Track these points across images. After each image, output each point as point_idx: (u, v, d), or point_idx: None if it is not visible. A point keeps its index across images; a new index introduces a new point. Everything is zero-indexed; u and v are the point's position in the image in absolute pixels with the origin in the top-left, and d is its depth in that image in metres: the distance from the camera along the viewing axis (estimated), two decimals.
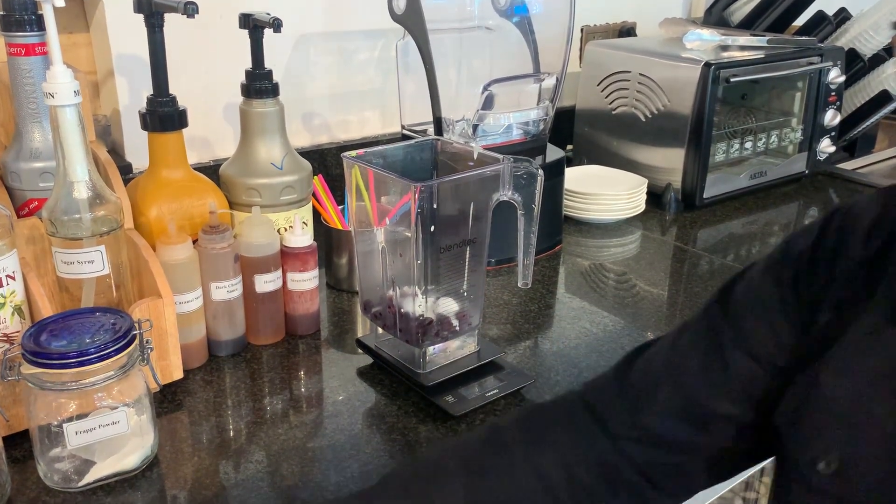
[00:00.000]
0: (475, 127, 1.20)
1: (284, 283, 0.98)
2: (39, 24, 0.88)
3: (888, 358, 0.52)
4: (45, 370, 0.69)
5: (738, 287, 0.62)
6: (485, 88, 1.17)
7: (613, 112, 1.56)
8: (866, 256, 0.54)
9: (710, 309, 0.63)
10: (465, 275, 0.88)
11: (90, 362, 0.69)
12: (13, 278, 0.77)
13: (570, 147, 1.68)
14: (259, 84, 0.98)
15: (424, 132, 1.25)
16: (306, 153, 1.29)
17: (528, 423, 0.66)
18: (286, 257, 0.97)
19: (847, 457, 0.52)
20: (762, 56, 1.48)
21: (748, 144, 1.62)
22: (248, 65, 0.99)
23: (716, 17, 1.80)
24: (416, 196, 0.78)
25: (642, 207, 1.44)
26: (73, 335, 0.71)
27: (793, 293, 0.58)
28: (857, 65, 1.70)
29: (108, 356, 0.70)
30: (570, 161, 1.63)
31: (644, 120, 1.50)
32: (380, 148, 0.90)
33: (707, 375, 0.61)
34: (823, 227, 0.57)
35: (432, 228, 0.80)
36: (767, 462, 1.00)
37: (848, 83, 1.69)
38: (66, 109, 0.76)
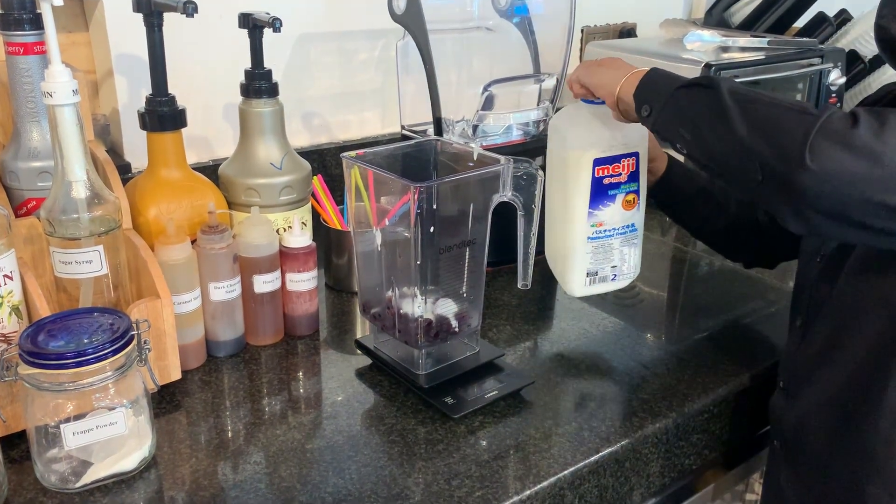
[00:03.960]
0: (475, 127, 1.19)
1: (283, 283, 0.97)
2: (38, 22, 0.88)
3: None
4: (43, 370, 0.69)
5: None
6: (485, 89, 1.17)
7: None
8: None
9: None
10: (465, 276, 0.87)
11: (88, 363, 0.69)
12: (11, 278, 0.77)
13: None
14: (258, 84, 0.98)
15: (424, 132, 1.25)
16: (306, 153, 1.29)
17: None
18: (285, 258, 0.97)
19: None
20: (763, 57, 1.48)
21: None
22: (248, 64, 0.99)
23: (716, 19, 1.80)
24: (416, 196, 0.77)
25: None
26: (70, 335, 0.71)
27: None
28: (857, 66, 1.69)
29: (105, 357, 0.70)
30: None
31: None
32: (379, 148, 0.90)
33: None
34: None
35: (432, 229, 0.80)
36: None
37: (849, 85, 1.68)
38: (64, 109, 0.76)
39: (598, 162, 0.93)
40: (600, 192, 0.95)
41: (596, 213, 0.95)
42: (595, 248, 0.97)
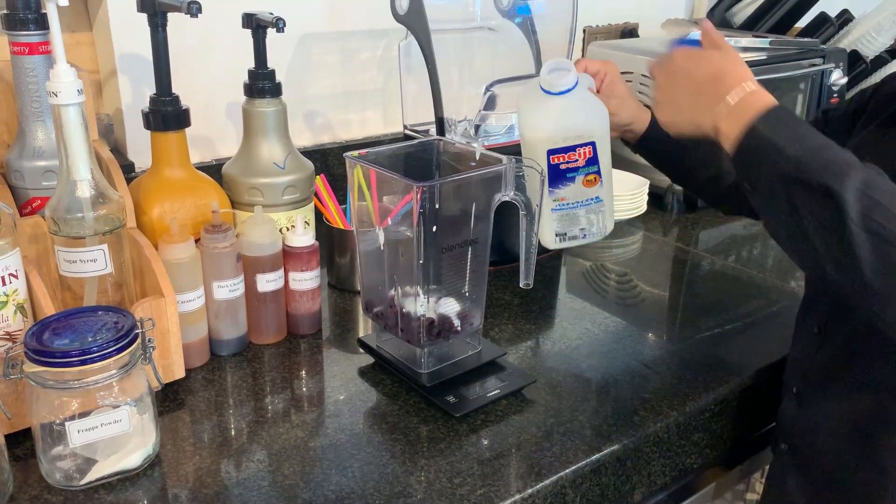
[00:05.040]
0: (477, 127, 1.20)
1: (286, 282, 0.98)
2: (43, 22, 0.88)
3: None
4: (48, 368, 0.69)
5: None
6: (487, 89, 1.17)
7: None
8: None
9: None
10: (467, 275, 0.88)
11: (92, 361, 0.70)
12: (16, 277, 0.77)
13: None
14: (262, 83, 0.99)
15: (427, 132, 1.25)
16: (308, 153, 1.29)
17: None
18: (288, 257, 0.97)
19: None
20: (764, 57, 1.48)
21: None
22: (251, 64, 0.99)
23: (718, 19, 1.80)
24: (418, 196, 0.78)
25: (644, 208, 1.44)
26: (75, 334, 0.72)
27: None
28: (859, 66, 1.70)
29: (110, 355, 0.70)
30: None
31: None
32: (382, 148, 0.90)
33: None
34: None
35: (434, 228, 0.80)
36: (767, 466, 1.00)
37: (850, 85, 1.69)
38: (69, 108, 0.76)
39: (552, 152, 0.94)
40: (558, 176, 0.95)
41: (556, 191, 0.96)
42: (560, 217, 0.98)
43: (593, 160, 0.95)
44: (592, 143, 0.95)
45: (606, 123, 0.96)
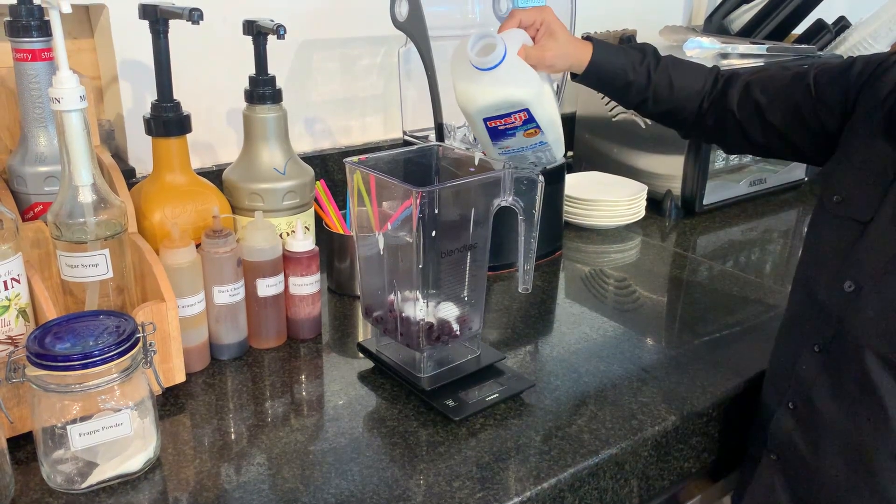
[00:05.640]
0: None
1: (286, 287, 0.98)
2: (45, 29, 0.89)
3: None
4: (50, 372, 0.70)
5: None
6: None
7: (614, 119, 1.57)
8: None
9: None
10: (466, 279, 0.88)
11: (94, 365, 0.70)
12: (18, 281, 0.78)
13: (570, 153, 1.68)
14: (262, 90, 0.99)
15: (426, 138, 1.26)
16: (309, 158, 1.30)
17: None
18: (288, 262, 0.97)
19: (848, 191, 0.83)
20: (762, 64, 1.49)
21: None
22: (252, 70, 1.00)
23: (716, 25, 1.81)
24: (418, 201, 0.78)
25: (642, 214, 1.45)
26: (77, 338, 0.72)
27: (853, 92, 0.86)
28: None
29: (111, 359, 0.71)
30: (571, 167, 1.64)
31: (644, 127, 1.51)
32: (382, 153, 0.91)
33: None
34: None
35: (433, 233, 0.81)
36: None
37: None
38: (71, 114, 0.77)
39: (487, 119, 0.97)
40: (498, 134, 0.99)
41: (499, 143, 1.00)
42: (509, 157, 1.02)
43: (530, 120, 0.98)
44: (526, 109, 0.97)
45: (539, 86, 0.97)
